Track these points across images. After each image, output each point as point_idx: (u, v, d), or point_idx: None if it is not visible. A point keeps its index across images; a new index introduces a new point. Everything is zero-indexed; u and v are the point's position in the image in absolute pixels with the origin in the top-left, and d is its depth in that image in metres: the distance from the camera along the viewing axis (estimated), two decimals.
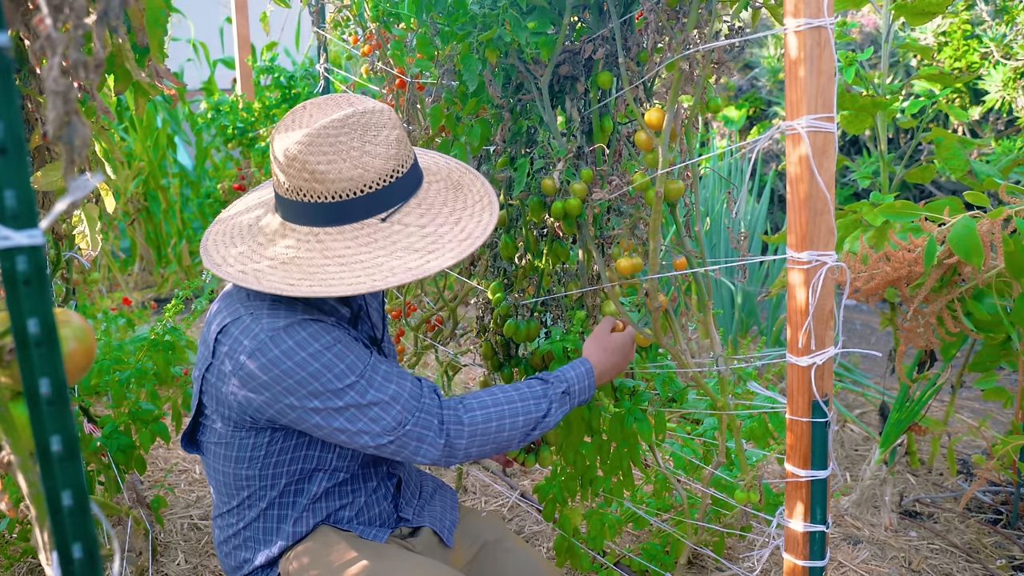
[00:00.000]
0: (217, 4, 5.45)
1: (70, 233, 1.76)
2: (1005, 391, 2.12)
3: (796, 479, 1.23)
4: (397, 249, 1.24)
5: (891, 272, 1.80)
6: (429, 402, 1.31)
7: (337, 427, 1.27)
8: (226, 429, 1.34)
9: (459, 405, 1.33)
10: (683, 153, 1.47)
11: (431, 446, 1.29)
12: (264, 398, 1.26)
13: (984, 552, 2.21)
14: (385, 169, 1.26)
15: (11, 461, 0.72)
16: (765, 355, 3.10)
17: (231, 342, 1.27)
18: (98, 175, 0.65)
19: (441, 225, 1.30)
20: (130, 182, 4.53)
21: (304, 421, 1.27)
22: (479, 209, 1.35)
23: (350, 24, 2.25)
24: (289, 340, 1.23)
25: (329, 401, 1.25)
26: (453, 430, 1.30)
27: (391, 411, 1.27)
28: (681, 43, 1.36)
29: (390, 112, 1.30)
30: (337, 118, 1.25)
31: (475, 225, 1.32)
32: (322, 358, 1.24)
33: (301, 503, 1.38)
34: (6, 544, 1.99)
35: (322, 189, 1.24)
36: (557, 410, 1.39)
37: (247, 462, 1.36)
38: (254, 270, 1.26)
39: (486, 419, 1.32)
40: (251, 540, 1.40)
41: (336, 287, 1.20)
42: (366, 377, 1.26)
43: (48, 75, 0.59)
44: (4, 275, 0.58)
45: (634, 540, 2.20)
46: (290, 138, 1.25)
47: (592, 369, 1.45)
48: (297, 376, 1.23)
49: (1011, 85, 3.19)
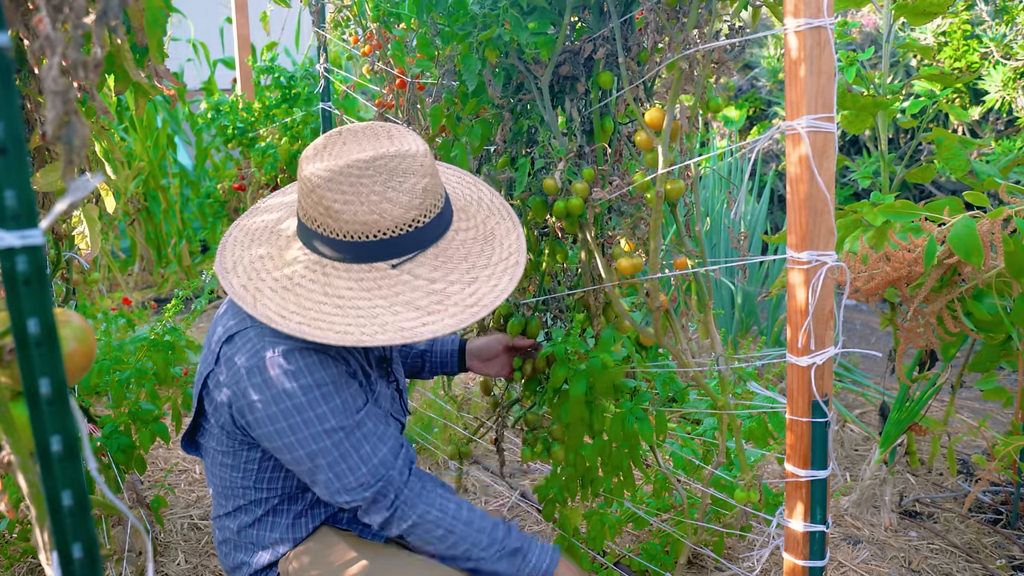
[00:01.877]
0: (217, 4, 5.45)
1: (70, 233, 1.76)
2: (1005, 391, 2.12)
3: (796, 479, 1.23)
4: (397, 303, 1.20)
5: (891, 272, 1.80)
6: (396, 475, 1.27)
7: (303, 469, 1.26)
8: (223, 437, 1.34)
9: (422, 493, 1.28)
10: (683, 153, 1.47)
11: (376, 515, 1.27)
12: (248, 420, 1.26)
13: (984, 552, 2.21)
14: (404, 219, 1.22)
15: (11, 461, 0.72)
16: (765, 355, 3.10)
17: (232, 352, 1.26)
18: (98, 175, 0.65)
19: (453, 283, 1.23)
20: (130, 182, 4.53)
21: (279, 452, 1.27)
22: (500, 269, 1.28)
23: (350, 24, 2.25)
24: (285, 365, 1.22)
25: (303, 440, 1.23)
26: (400, 511, 1.27)
27: (357, 472, 1.25)
28: (681, 43, 1.36)
29: (425, 156, 1.25)
30: (363, 159, 1.21)
31: (488, 290, 1.24)
32: (309, 393, 1.22)
33: (298, 508, 1.38)
34: (6, 544, 1.99)
35: (335, 227, 1.22)
36: (499, 560, 1.30)
37: (242, 471, 1.36)
38: (255, 288, 1.25)
39: (435, 524, 1.28)
40: (249, 543, 1.40)
41: (323, 332, 1.17)
42: (346, 429, 1.24)
43: (47, 75, 0.59)
44: (4, 275, 0.58)
45: (634, 540, 2.20)
46: (315, 167, 1.22)
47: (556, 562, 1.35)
48: (282, 405, 1.22)
49: (1011, 85, 3.19)
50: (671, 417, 2.39)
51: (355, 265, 1.23)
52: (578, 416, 1.70)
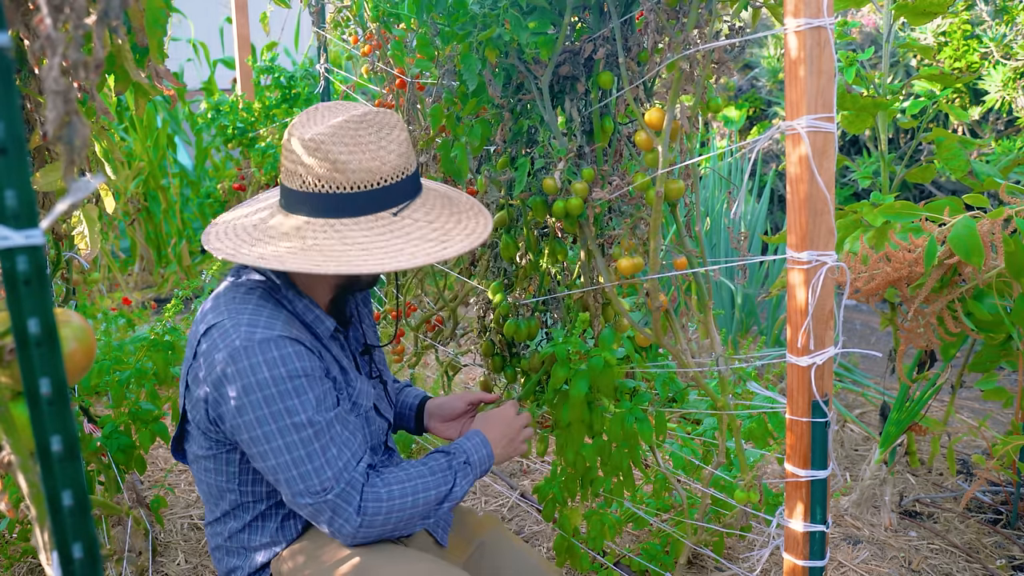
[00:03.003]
0: (217, 4, 5.45)
1: (70, 233, 1.76)
2: (1005, 391, 2.11)
3: (796, 479, 1.23)
4: (412, 238, 1.30)
5: (891, 272, 1.80)
6: (357, 476, 1.28)
7: (267, 466, 1.26)
8: (203, 439, 1.34)
9: (377, 480, 1.31)
10: (683, 153, 1.47)
11: (347, 522, 1.26)
12: (220, 411, 1.27)
13: (984, 552, 2.21)
14: (399, 165, 1.32)
15: (11, 461, 0.72)
16: (765, 355, 3.10)
17: (210, 344, 1.27)
18: (98, 175, 0.65)
19: (446, 222, 1.36)
20: (130, 182, 4.53)
21: (248, 447, 1.27)
22: (473, 214, 1.43)
23: (350, 24, 2.25)
24: (260, 355, 1.23)
25: (270, 434, 1.23)
26: (371, 507, 1.27)
27: (323, 474, 1.25)
28: (681, 43, 1.36)
29: (399, 117, 1.38)
30: (356, 114, 1.31)
31: (476, 224, 1.39)
32: (281, 385, 1.23)
33: (286, 511, 1.38)
34: (6, 544, 1.99)
35: (342, 179, 1.28)
36: (462, 481, 1.38)
37: (225, 475, 1.35)
38: (273, 254, 1.27)
39: (402, 493, 1.30)
40: (241, 547, 1.40)
41: (362, 267, 1.23)
42: (316, 427, 1.25)
43: (48, 75, 0.59)
44: (4, 275, 0.58)
45: (634, 540, 2.20)
46: (312, 130, 1.30)
47: (486, 438, 1.45)
48: (252, 396, 1.22)
49: (1011, 85, 3.19)
50: (671, 417, 2.39)
51: (362, 218, 1.30)
52: (578, 416, 1.70)
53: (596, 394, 1.69)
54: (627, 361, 1.73)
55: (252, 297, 1.32)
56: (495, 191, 1.79)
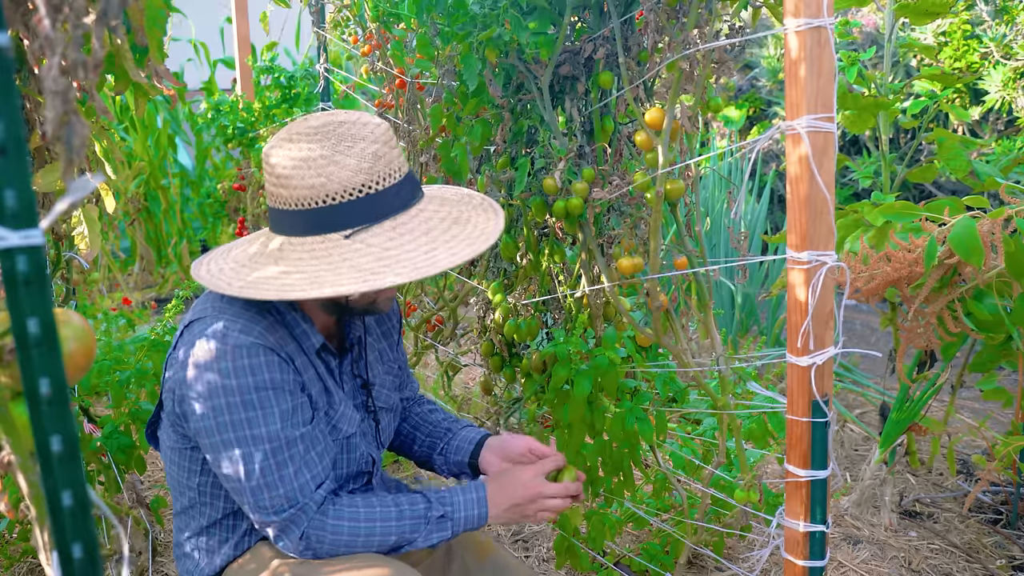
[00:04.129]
0: (217, 4, 5.45)
1: (70, 233, 1.76)
2: (1005, 391, 2.11)
3: (796, 479, 1.23)
4: (343, 266, 1.16)
5: (892, 272, 1.80)
6: (311, 505, 1.24)
7: (222, 474, 1.23)
8: (175, 435, 1.31)
9: (331, 509, 1.25)
10: (683, 153, 1.46)
11: (291, 543, 1.24)
12: (184, 410, 1.24)
13: (984, 552, 2.21)
14: (352, 182, 1.18)
15: (11, 461, 0.72)
16: (765, 355, 3.10)
17: (188, 338, 1.24)
18: (98, 175, 0.65)
19: (409, 252, 1.19)
20: (130, 182, 4.53)
21: (206, 451, 1.24)
22: (465, 244, 1.23)
23: (350, 24, 2.25)
24: (230, 360, 1.19)
25: (228, 443, 1.20)
26: (315, 535, 1.24)
27: (275, 491, 1.21)
28: (681, 43, 1.36)
29: (378, 127, 1.23)
30: (312, 125, 1.20)
31: (446, 254, 1.20)
32: (247, 394, 1.19)
33: (244, 527, 1.34)
34: (6, 544, 1.99)
35: (287, 195, 1.20)
36: (431, 534, 1.29)
37: (187, 473, 1.33)
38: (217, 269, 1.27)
39: (352, 532, 1.25)
40: (196, 551, 1.37)
41: (261, 292, 1.16)
42: (275, 443, 1.20)
43: (47, 75, 0.59)
44: (4, 275, 0.58)
45: (634, 540, 2.20)
46: (269, 143, 1.25)
47: (485, 497, 1.33)
48: (216, 401, 1.19)
49: (1011, 85, 3.19)
50: (671, 417, 2.39)
51: (309, 238, 1.19)
52: (579, 416, 1.70)
53: (597, 394, 1.69)
54: (629, 361, 1.73)
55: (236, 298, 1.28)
56: (495, 191, 1.79)
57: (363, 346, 1.43)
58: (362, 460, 1.39)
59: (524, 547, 2.28)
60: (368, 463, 1.41)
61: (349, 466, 1.37)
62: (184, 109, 5.29)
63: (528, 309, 1.83)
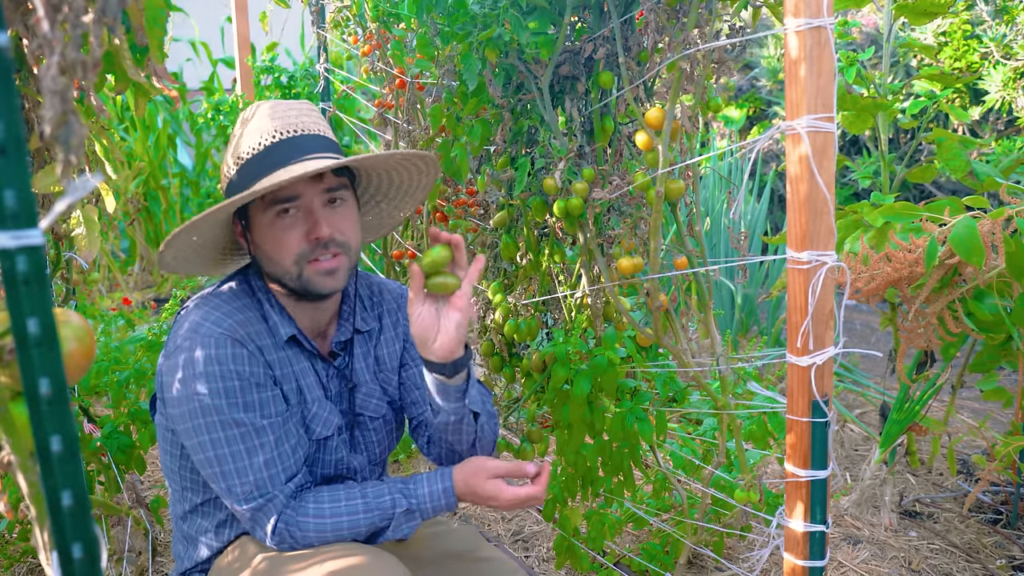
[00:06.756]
0: (217, 4, 5.46)
1: (70, 233, 1.76)
2: (1005, 391, 2.11)
3: (796, 479, 1.23)
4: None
5: (892, 272, 1.80)
6: (280, 496, 1.25)
7: (197, 461, 1.25)
8: (161, 418, 1.35)
9: (300, 505, 1.27)
10: (683, 153, 1.46)
11: (264, 535, 1.26)
12: (165, 396, 1.28)
13: (984, 552, 2.20)
14: (318, 127, 1.31)
15: (11, 461, 0.72)
16: (765, 355, 3.10)
17: (175, 327, 1.30)
18: (98, 175, 0.65)
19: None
20: (130, 182, 4.53)
21: (182, 438, 1.26)
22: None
23: (350, 24, 2.25)
24: (200, 349, 1.23)
25: (199, 428, 1.23)
26: (284, 530, 1.25)
27: (244, 477, 1.23)
28: (681, 43, 1.36)
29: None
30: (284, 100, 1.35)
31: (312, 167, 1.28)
32: (214, 382, 1.22)
33: (221, 515, 1.36)
34: (6, 544, 1.99)
35: (272, 126, 1.29)
36: (402, 525, 1.30)
37: (169, 456, 1.36)
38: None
39: (319, 528, 1.26)
40: (186, 536, 1.40)
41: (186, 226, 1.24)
42: (243, 428, 1.23)
43: (45, 74, 0.59)
44: (4, 275, 0.58)
45: (634, 540, 2.20)
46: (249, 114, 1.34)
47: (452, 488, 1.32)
48: (189, 388, 1.22)
49: (1011, 85, 3.19)
50: (671, 417, 2.39)
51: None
52: (579, 416, 1.70)
53: (597, 394, 1.69)
54: (629, 361, 1.73)
55: (227, 287, 1.34)
56: (495, 191, 1.79)
57: (350, 350, 1.43)
58: (340, 465, 1.40)
59: (524, 547, 2.28)
60: (350, 469, 1.42)
61: (325, 468, 1.39)
62: (184, 109, 5.30)
63: (528, 309, 1.83)
